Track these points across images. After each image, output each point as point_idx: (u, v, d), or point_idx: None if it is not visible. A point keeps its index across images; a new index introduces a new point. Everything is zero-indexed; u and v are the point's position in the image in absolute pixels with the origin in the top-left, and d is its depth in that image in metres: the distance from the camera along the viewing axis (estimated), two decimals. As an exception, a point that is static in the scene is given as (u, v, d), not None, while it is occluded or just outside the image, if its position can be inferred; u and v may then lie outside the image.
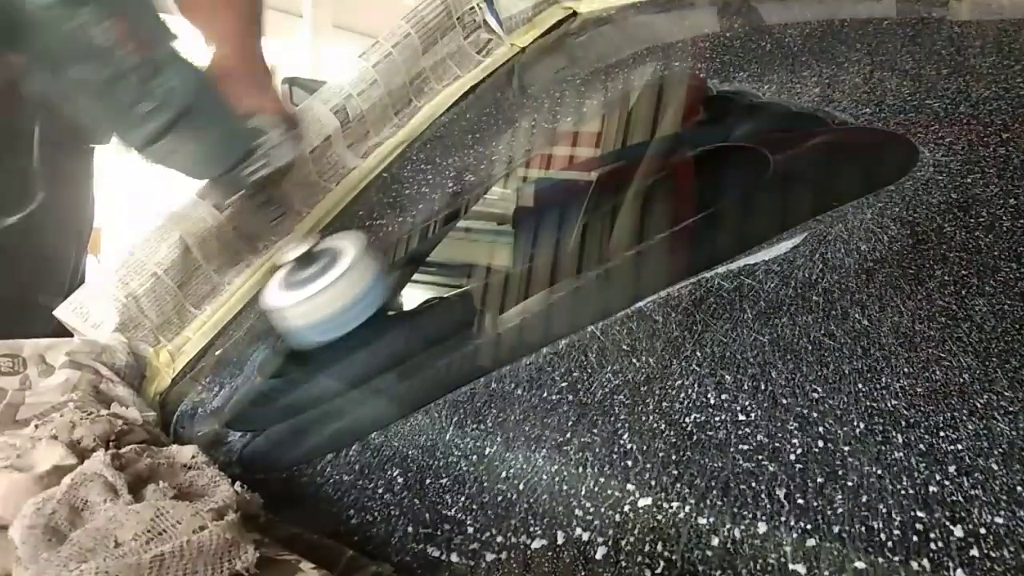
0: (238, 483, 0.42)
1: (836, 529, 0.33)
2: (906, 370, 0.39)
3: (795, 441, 0.38)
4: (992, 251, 0.44)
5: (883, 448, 0.36)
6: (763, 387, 0.41)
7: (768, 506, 0.35)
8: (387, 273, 0.57)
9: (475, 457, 0.44)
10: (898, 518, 0.33)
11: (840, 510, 0.34)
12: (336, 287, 0.53)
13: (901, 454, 0.35)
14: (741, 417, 0.40)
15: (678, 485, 0.37)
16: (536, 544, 0.38)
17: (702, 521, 0.36)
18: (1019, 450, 0.34)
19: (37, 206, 0.90)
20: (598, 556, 0.36)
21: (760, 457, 0.37)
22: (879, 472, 0.35)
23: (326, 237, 0.57)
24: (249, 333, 0.66)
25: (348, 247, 0.55)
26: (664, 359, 0.45)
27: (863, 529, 0.33)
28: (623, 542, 0.36)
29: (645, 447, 0.40)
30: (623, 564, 0.35)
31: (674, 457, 0.39)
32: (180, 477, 0.42)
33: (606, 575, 0.35)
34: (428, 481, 0.44)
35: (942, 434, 0.35)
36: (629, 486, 0.38)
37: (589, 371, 0.47)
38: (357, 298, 0.54)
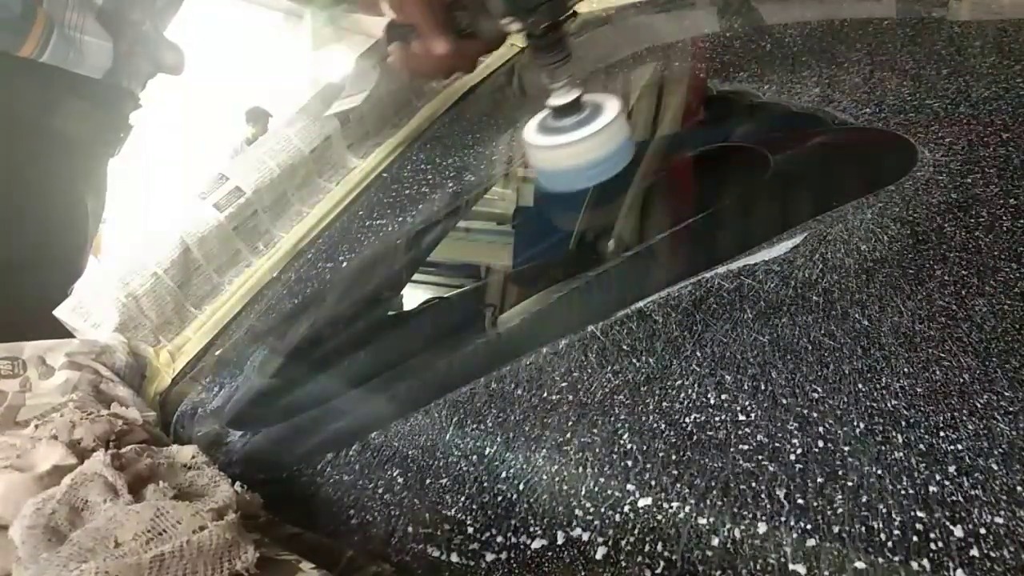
0: (238, 483, 0.42)
1: (836, 529, 0.33)
2: (906, 370, 0.39)
3: (795, 441, 0.38)
4: (992, 251, 0.44)
5: (883, 448, 0.36)
6: (763, 387, 0.41)
7: (768, 506, 0.35)
8: (632, 139, 0.60)
9: (475, 457, 0.44)
10: (898, 518, 0.33)
11: (840, 510, 0.34)
12: (592, 140, 0.57)
13: (901, 454, 0.35)
14: (741, 417, 0.40)
15: (678, 485, 0.37)
16: (536, 544, 0.38)
17: (702, 521, 0.36)
18: (1019, 450, 0.34)
19: (62, 209, 0.92)
20: (598, 556, 0.36)
21: (760, 457, 0.37)
22: (879, 472, 0.35)
23: (589, 92, 0.60)
24: (249, 333, 0.66)
25: (608, 105, 0.59)
26: (664, 359, 0.45)
27: (863, 529, 0.33)
28: (623, 542, 0.36)
29: (645, 447, 0.40)
30: (623, 564, 0.35)
31: (674, 457, 0.39)
32: (180, 477, 0.42)
33: (606, 575, 0.35)
34: (428, 481, 0.44)
35: (942, 434, 0.35)
36: (629, 486, 0.38)
37: (589, 371, 0.47)
38: (607, 156, 0.58)
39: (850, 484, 0.35)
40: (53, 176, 0.89)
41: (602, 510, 0.38)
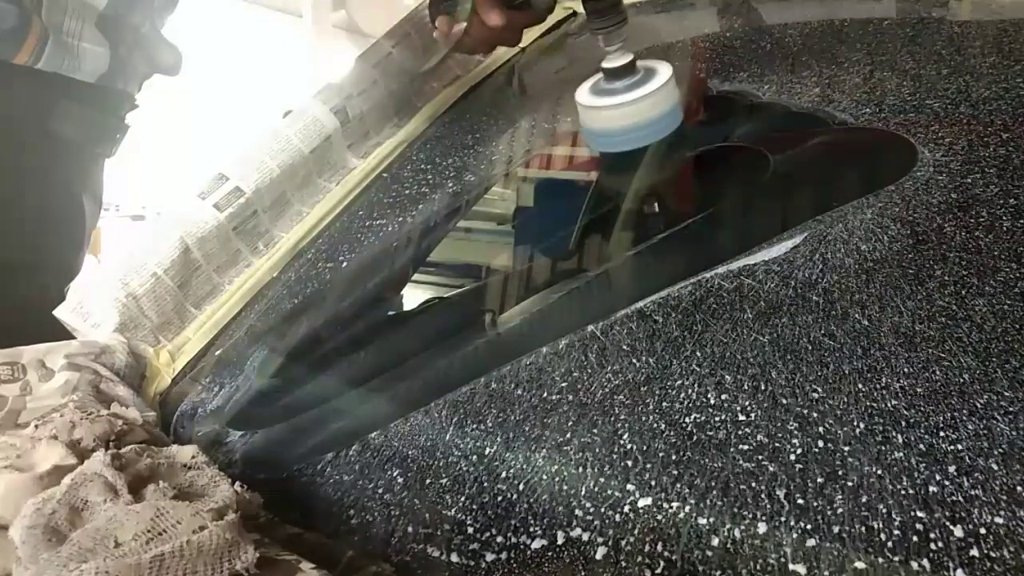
0: (238, 483, 0.42)
1: (836, 529, 0.33)
2: (906, 370, 0.39)
3: (795, 441, 0.38)
4: (992, 251, 0.44)
5: (883, 448, 0.36)
6: (763, 387, 0.41)
7: (768, 506, 0.35)
8: (683, 103, 0.62)
9: (475, 457, 0.44)
10: (898, 518, 0.33)
11: (840, 510, 0.34)
12: (645, 102, 0.59)
13: (901, 454, 0.35)
14: (741, 417, 0.40)
15: (678, 485, 0.37)
16: (536, 544, 0.38)
17: (702, 521, 0.36)
18: (1019, 450, 0.34)
19: (58, 210, 0.92)
20: (598, 556, 0.36)
21: (760, 457, 0.37)
22: (879, 472, 0.35)
23: (642, 57, 0.62)
24: (249, 333, 0.66)
25: (661, 69, 0.60)
26: (664, 359, 0.45)
27: (863, 529, 0.33)
28: (623, 542, 0.36)
29: (645, 447, 0.40)
30: (623, 564, 0.36)
31: (674, 457, 0.39)
32: (180, 477, 0.42)
33: (606, 575, 0.35)
34: (428, 481, 0.44)
35: (942, 434, 0.35)
36: (629, 486, 0.38)
37: (589, 371, 0.47)
38: (658, 118, 0.59)
39: (850, 484, 0.35)
40: (49, 177, 0.90)
41: (602, 510, 0.38)
